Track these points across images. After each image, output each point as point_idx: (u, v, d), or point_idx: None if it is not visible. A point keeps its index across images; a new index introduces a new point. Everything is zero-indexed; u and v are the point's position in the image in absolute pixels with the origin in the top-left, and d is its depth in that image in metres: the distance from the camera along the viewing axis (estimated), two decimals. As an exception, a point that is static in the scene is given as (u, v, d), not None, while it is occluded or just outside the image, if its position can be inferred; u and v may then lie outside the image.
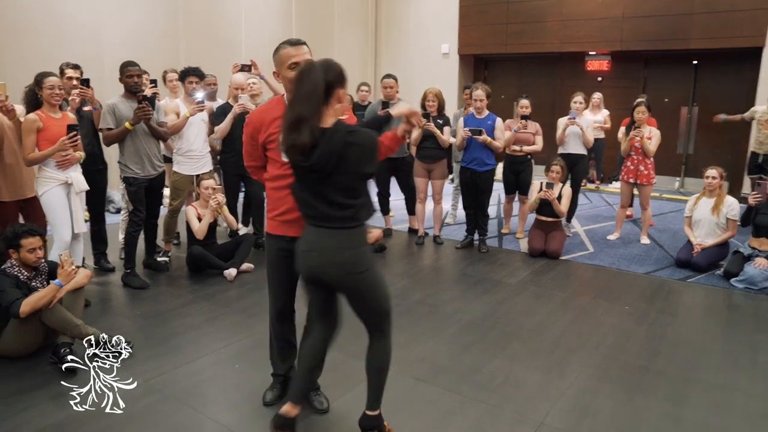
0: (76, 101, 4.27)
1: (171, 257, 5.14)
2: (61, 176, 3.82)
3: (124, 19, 7.24)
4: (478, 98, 5.43)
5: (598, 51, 9.39)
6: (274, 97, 2.60)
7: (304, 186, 2.26)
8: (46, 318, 3.15)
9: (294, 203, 2.37)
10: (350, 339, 2.87)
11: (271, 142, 2.45)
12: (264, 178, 2.59)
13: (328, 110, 2.20)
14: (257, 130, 2.47)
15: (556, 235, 5.46)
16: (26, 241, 3.21)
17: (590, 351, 3.46)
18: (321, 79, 2.17)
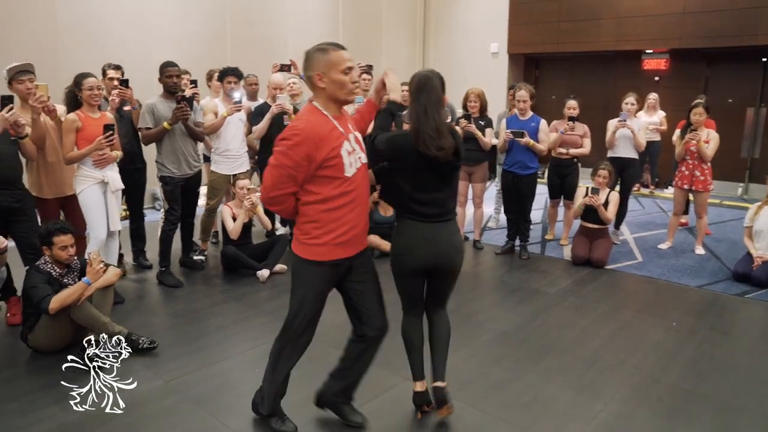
0: (116, 101, 4.35)
1: (207, 256, 5.19)
2: (98, 175, 3.90)
3: (171, 20, 7.39)
4: (522, 99, 5.22)
5: (656, 49, 8.92)
6: (305, 107, 2.34)
7: (434, 187, 2.51)
8: (75, 315, 3.20)
9: (353, 219, 2.34)
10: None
11: (333, 158, 2.23)
12: (308, 201, 2.28)
13: None
14: (317, 146, 2.19)
15: (601, 242, 5.18)
16: (58, 238, 3.27)
17: (629, 370, 3.23)
18: (440, 87, 2.51)
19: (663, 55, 9.00)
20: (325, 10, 9.49)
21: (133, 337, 3.33)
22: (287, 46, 8.75)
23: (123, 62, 4.92)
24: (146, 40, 7.07)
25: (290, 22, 8.89)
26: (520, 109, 5.27)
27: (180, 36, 7.42)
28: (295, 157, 2.18)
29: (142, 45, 6.99)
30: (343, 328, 3.68)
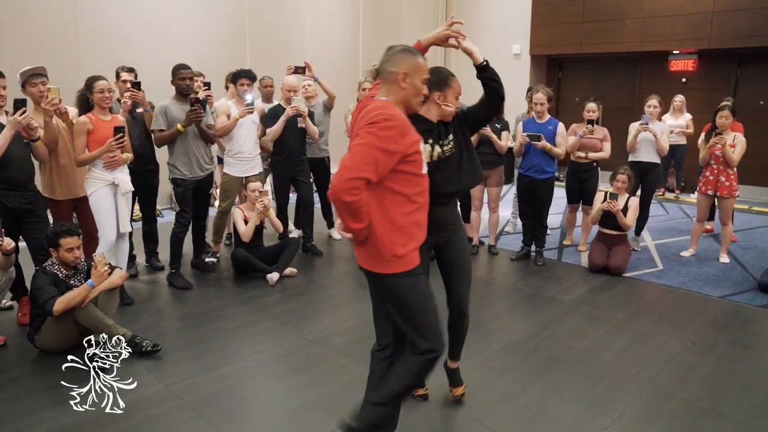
0: (128, 103, 4.37)
1: (219, 258, 5.19)
2: (108, 177, 3.91)
3: (191, 23, 7.45)
4: (539, 101, 5.10)
5: (683, 50, 8.66)
6: (379, 101, 2.18)
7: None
8: (79, 316, 3.21)
9: (425, 222, 2.27)
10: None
11: (414, 153, 2.14)
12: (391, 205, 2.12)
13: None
14: (404, 135, 2.09)
15: (619, 249, 5.03)
16: (64, 240, 3.29)
17: (642, 384, 3.10)
18: None
19: (691, 56, 8.74)
20: (344, 11, 9.46)
21: (137, 340, 3.33)
22: (306, 48, 8.76)
23: (143, 66, 4.96)
24: (166, 43, 7.14)
25: (309, 24, 8.88)
26: (537, 111, 5.15)
27: (199, 39, 7.47)
28: (385, 139, 2.03)
29: (162, 49, 7.05)
30: (348, 334, 3.65)
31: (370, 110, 2.12)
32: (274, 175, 5.44)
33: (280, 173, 5.31)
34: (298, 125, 5.19)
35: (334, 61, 9.04)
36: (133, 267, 4.83)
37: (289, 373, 3.21)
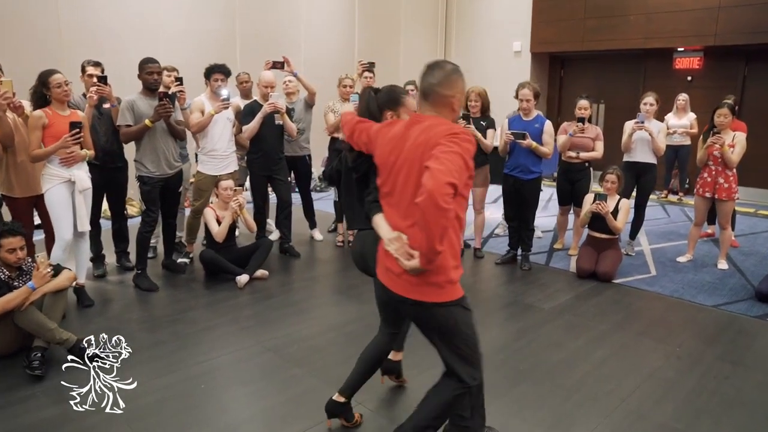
0: (94, 98, 4.21)
1: (193, 258, 5.02)
2: (65, 174, 3.76)
3: (180, 20, 7.30)
4: (525, 97, 4.86)
5: (688, 47, 8.34)
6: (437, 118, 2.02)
7: None
8: (18, 320, 3.05)
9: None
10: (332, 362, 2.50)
11: (472, 174, 1.98)
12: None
13: None
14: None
15: (609, 254, 4.78)
16: (5, 241, 3.13)
17: (614, 402, 2.86)
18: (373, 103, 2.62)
19: (696, 53, 8.43)
20: (341, 9, 9.26)
21: (82, 345, 3.13)
22: (300, 47, 8.57)
23: (130, 63, 4.77)
24: (153, 39, 6.99)
25: (303, 22, 8.70)
26: (523, 108, 4.91)
27: (188, 37, 7.32)
28: (468, 151, 1.89)
29: (149, 45, 6.88)
30: (307, 342, 3.45)
31: (438, 125, 1.95)
32: (250, 174, 5.27)
33: (257, 171, 5.14)
34: (276, 122, 5.01)
35: (329, 59, 8.84)
36: (102, 267, 4.68)
37: (236, 382, 3.02)
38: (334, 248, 5.59)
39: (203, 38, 7.50)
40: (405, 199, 2.03)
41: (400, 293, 2.07)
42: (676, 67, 8.67)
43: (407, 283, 2.03)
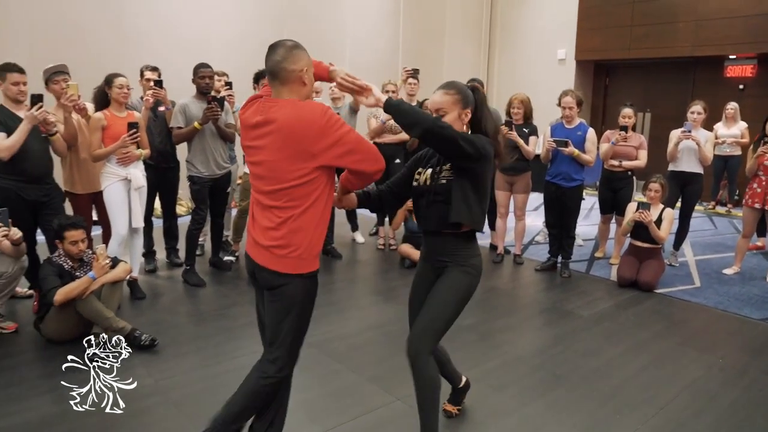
0: (150, 101, 4.45)
1: (239, 256, 5.21)
2: (122, 172, 3.99)
3: (230, 27, 7.59)
4: (567, 105, 4.86)
5: (741, 54, 8.13)
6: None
7: None
8: (80, 307, 3.26)
9: None
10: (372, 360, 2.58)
11: None
12: None
13: None
14: None
15: (651, 263, 4.71)
16: (69, 233, 3.36)
17: (652, 410, 2.85)
18: None
19: (750, 61, 8.19)
20: (386, 17, 9.41)
21: (136, 334, 3.34)
22: (345, 55, 8.75)
23: (183, 66, 5.02)
24: (206, 44, 7.29)
25: (349, 30, 8.88)
26: (565, 116, 4.91)
27: (238, 41, 7.59)
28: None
29: (202, 50, 7.17)
30: (349, 339, 3.56)
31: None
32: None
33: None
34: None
35: (373, 66, 8.99)
36: (153, 262, 4.91)
37: (278, 375, 3.13)
38: (375, 251, 5.69)
39: (254, 46, 7.74)
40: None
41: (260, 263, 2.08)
42: (727, 75, 8.45)
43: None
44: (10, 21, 5.95)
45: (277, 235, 2.02)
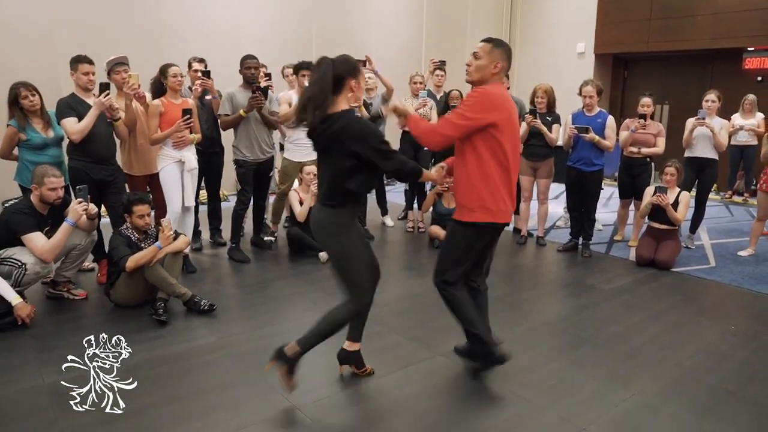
0: (198, 90, 4.80)
1: (277, 237, 5.56)
2: (176, 155, 4.35)
3: (261, 24, 7.95)
4: (588, 94, 5.14)
5: (759, 46, 8.29)
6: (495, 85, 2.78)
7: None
8: (147, 274, 3.62)
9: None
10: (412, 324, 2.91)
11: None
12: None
13: (338, 98, 2.50)
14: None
15: (668, 244, 4.97)
16: (137, 207, 3.72)
17: (668, 367, 3.14)
18: (330, 70, 2.50)
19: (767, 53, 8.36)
20: (409, 11, 9.70)
21: (196, 300, 3.70)
22: (370, 48, 9.04)
23: (220, 59, 5.37)
24: (240, 40, 7.65)
25: (374, 24, 9.19)
26: (586, 104, 5.19)
27: (269, 40, 7.94)
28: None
29: (237, 44, 7.55)
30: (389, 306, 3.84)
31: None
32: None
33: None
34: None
35: (398, 60, 9.30)
36: (199, 241, 5.27)
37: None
38: (404, 233, 6.02)
39: (283, 41, 8.11)
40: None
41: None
42: (745, 68, 8.62)
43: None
44: (57, 20, 6.36)
45: None
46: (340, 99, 2.52)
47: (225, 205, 5.90)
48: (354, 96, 2.56)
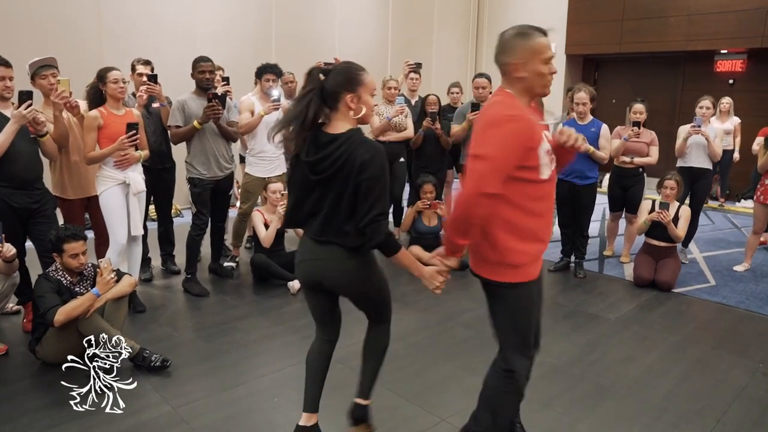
0: (144, 97, 4.13)
1: (239, 262, 4.92)
2: (120, 176, 3.66)
3: (217, 17, 7.23)
4: (581, 101, 4.73)
5: (731, 49, 8.15)
6: (500, 96, 2.04)
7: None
8: (82, 328, 2.95)
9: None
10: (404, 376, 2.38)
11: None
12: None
13: (337, 115, 2.11)
14: (534, 136, 1.97)
15: (668, 262, 4.62)
16: (69, 245, 3.03)
17: (709, 422, 2.72)
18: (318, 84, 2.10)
19: (740, 56, 8.23)
20: (375, 10, 9.16)
21: (145, 354, 3.06)
22: (334, 47, 8.46)
23: (165, 59, 4.69)
24: (189, 37, 6.91)
25: (337, 22, 8.60)
26: (578, 112, 4.77)
27: (225, 38, 7.23)
28: (517, 147, 1.95)
29: (185, 42, 6.82)
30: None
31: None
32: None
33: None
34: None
35: (363, 59, 8.66)
36: (148, 270, 4.59)
37: (308, 396, 2.90)
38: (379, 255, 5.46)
39: (240, 39, 7.42)
40: None
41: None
42: (717, 70, 8.48)
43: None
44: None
45: None
46: (337, 117, 2.11)
47: (179, 222, 5.20)
48: (356, 111, 2.11)
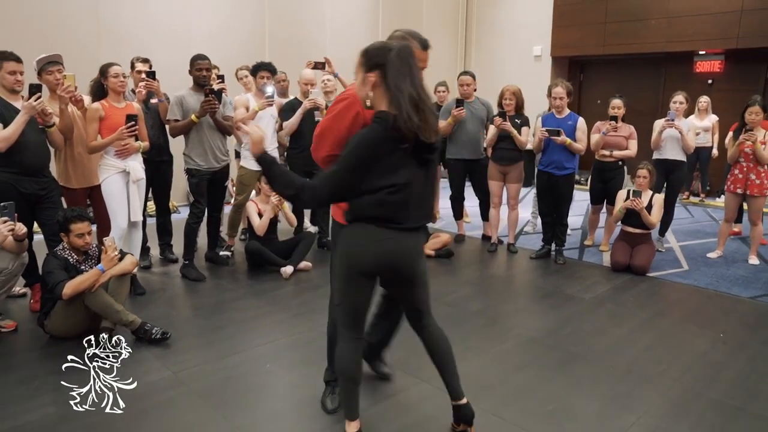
0: (143, 93, 4.35)
1: (234, 251, 5.14)
2: (120, 164, 3.89)
3: (212, 19, 7.48)
4: (558, 95, 4.98)
5: (710, 50, 8.45)
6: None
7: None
8: (89, 301, 3.17)
9: None
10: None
11: None
12: None
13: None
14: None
15: (643, 248, 4.86)
16: (75, 226, 3.25)
17: (668, 383, 2.95)
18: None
19: (718, 57, 8.52)
20: (365, 11, 9.43)
21: (146, 327, 3.27)
22: (325, 47, 8.71)
23: (163, 58, 4.90)
24: (185, 36, 7.15)
25: (328, 23, 8.86)
26: (556, 106, 5.02)
27: (220, 39, 7.47)
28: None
29: (180, 45, 7.06)
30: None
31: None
32: (290, 169, 5.38)
33: (298, 167, 5.24)
34: (316, 119, 5.12)
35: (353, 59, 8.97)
36: (147, 259, 4.80)
37: (300, 363, 3.12)
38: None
39: (234, 39, 7.66)
40: None
41: None
42: (696, 71, 8.76)
43: None
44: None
45: None
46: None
47: (176, 218, 5.43)
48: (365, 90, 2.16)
